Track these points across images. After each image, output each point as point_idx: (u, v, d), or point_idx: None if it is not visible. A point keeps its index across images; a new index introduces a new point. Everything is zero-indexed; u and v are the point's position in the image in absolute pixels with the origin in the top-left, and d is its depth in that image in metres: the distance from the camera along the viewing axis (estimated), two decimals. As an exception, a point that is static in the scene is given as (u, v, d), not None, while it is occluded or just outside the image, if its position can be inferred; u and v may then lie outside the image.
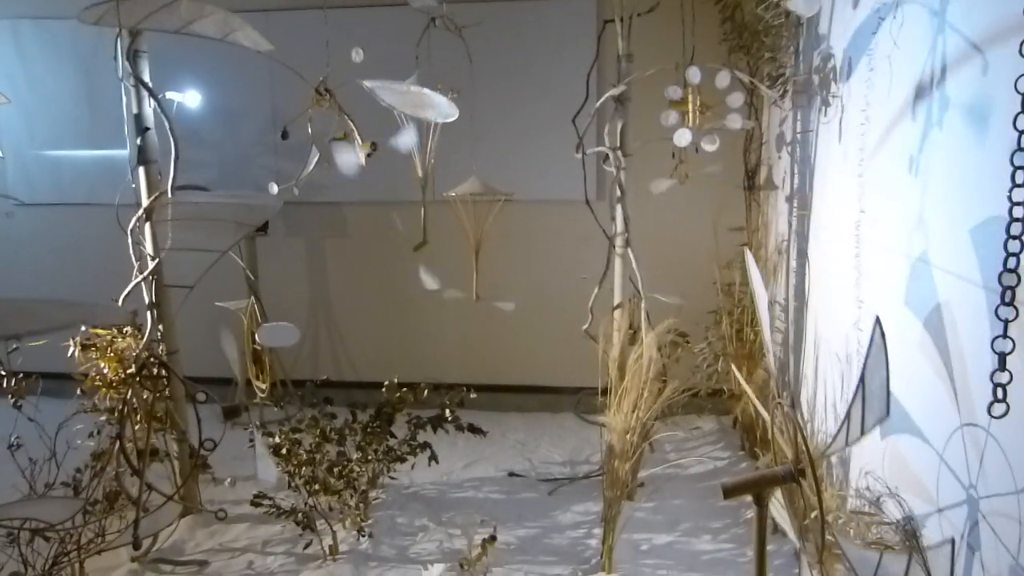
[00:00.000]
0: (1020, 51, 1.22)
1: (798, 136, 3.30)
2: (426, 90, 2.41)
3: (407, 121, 2.86)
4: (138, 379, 2.71)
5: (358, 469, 3.15)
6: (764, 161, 4.00)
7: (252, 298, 4.30)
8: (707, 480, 3.75)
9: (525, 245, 4.67)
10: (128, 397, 2.60)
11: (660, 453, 4.02)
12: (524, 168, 4.55)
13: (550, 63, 4.47)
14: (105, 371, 3.00)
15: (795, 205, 3.37)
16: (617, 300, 3.64)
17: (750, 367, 3.88)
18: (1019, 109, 1.22)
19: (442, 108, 2.37)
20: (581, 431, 4.39)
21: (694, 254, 4.23)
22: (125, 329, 3.12)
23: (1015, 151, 1.23)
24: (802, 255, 3.25)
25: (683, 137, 3.00)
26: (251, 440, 3.23)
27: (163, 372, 2.91)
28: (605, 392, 3.44)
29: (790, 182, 3.43)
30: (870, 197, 2.42)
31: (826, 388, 2.94)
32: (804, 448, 1.94)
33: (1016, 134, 1.24)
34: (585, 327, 3.68)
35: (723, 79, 2.96)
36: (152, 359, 2.83)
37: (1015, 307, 1.28)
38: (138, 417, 2.92)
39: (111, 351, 3.02)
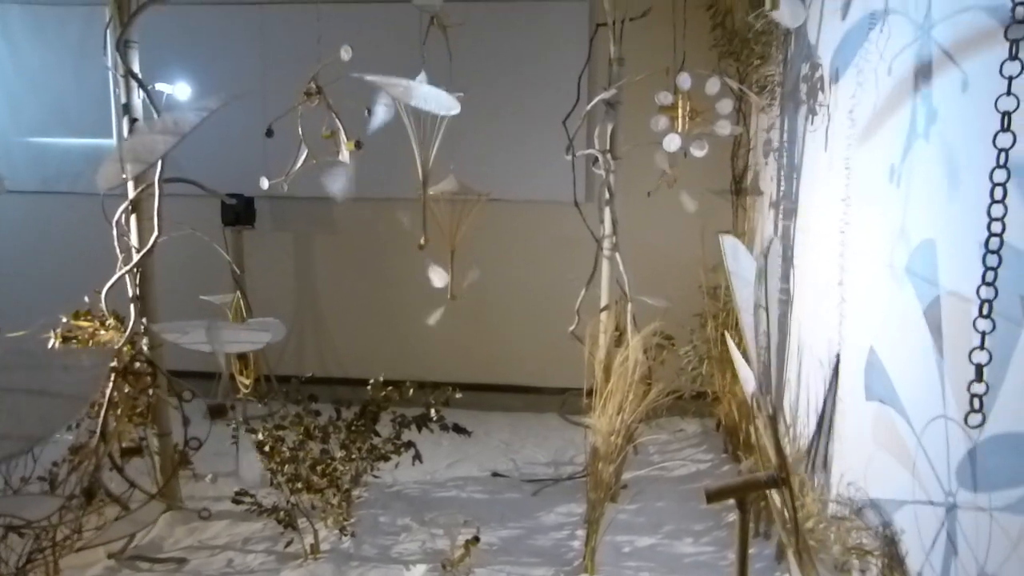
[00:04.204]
0: (1005, 35, 1.23)
1: (785, 143, 3.32)
2: (426, 85, 2.41)
3: (409, 120, 2.86)
4: (124, 375, 2.69)
5: (341, 468, 3.14)
6: (751, 166, 4.03)
7: (237, 292, 4.28)
8: (690, 483, 3.77)
9: (513, 245, 4.68)
10: (111, 392, 2.59)
11: (644, 455, 4.04)
12: (513, 168, 4.56)
13: (542, 65, 4.47)
14: (88, 364, 2.98)
15: (781, 211, 3.40)
16: (604, 302, 3.65)
17: (734, 370, 3.90)
18: (999, 127, 1.24)
19: (442, 101, 2.38)
20: (565, 432, 4.40)
21: (680, 257, 4.25)
22: (107, 322, 3.11)
23: (994, 168, 1.25)
24: (787, 261, 3.28)
25: (672, 142, 3.01)
26: (234, 437, 3.22)
27: (148, 368, 2.89)
28: (590, 393, 3.45)
29: (776, 188, 3.46)
30: (854, 205, 2.44)
31: (808, 392, 2.96)
32: (784, 455, 1.96)
33: (996, 151, 1.25)
34: (572, 328, 3.70)
35: (713, 86, 2.98)
36: (139, 356, 2.82)
37: (992, 320, 1.30)
38: (118, 412, 2.90)
39: (93, 344, 3.00)
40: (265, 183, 3.08)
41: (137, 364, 2.86)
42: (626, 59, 3.47)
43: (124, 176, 2.69)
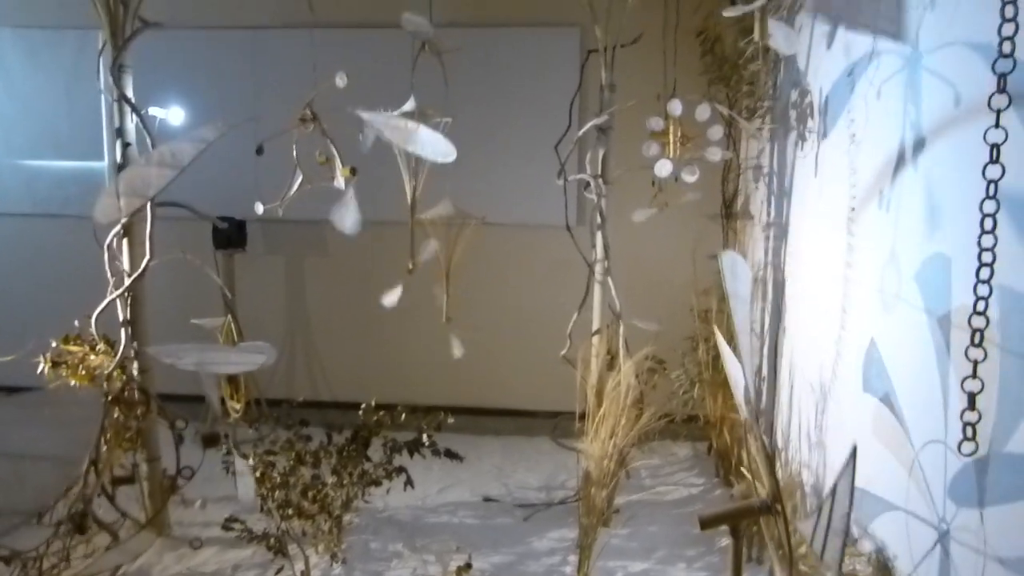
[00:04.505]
0: (993, 69, 1.26)
1: (775, 168, 3.36)
2: (423, 127, 2.40)
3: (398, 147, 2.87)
4: (116, 403, 2.67)
5: (332, 494, 3.12)
6: (741, 190, 4.06)
7: (228, 316, 4.26)
8: (683, 507, 3.76)
9: (505, 268, 4.68)
10: (103, 420, 2.57)
11: (636, 479, 4.03)
12: (506, 193, 4.58)
13: (534, 90, 4.51)
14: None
15: (771, 235, 3.42)
16: (596, 326, 3.66)
17: (726, 393, 3.91)
18: (987, 160, 1.26)
19: (439, 147, 2.37)
20: (557, 455, 4.38)
21: (672, 281, 4.27)
22: (98, 346, 3.08)
23: (984, 199, 1.27)
24: (778, 286, 3.30)
25: (664, 168, 3.04)
26: (224, 461, 3.19)
27: (142, 397, 2.87)
28: (582, 417, 3.45)
29: (766, 212, 3.49)
30: (845, 231, 2.46)
31: (800, 416, 2.97)
32: (776, 481, 1.96)
33: (985, 182, 1.27)
34: (563, 352, 3.70)
35: (703, 112, 3.02)
36: (131, 385, 2.79)
37: (984, 349, 1.31)
38: (108, 437, 2.87)
39: (82, 368, 2.98)
40: (260, 208, 3.08)
41: (129, 392, 2.83)
42: (617, 85, 3.51)
43: (121, 211, 2.69)
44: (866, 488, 2.15)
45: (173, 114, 4.59)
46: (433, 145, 2.32)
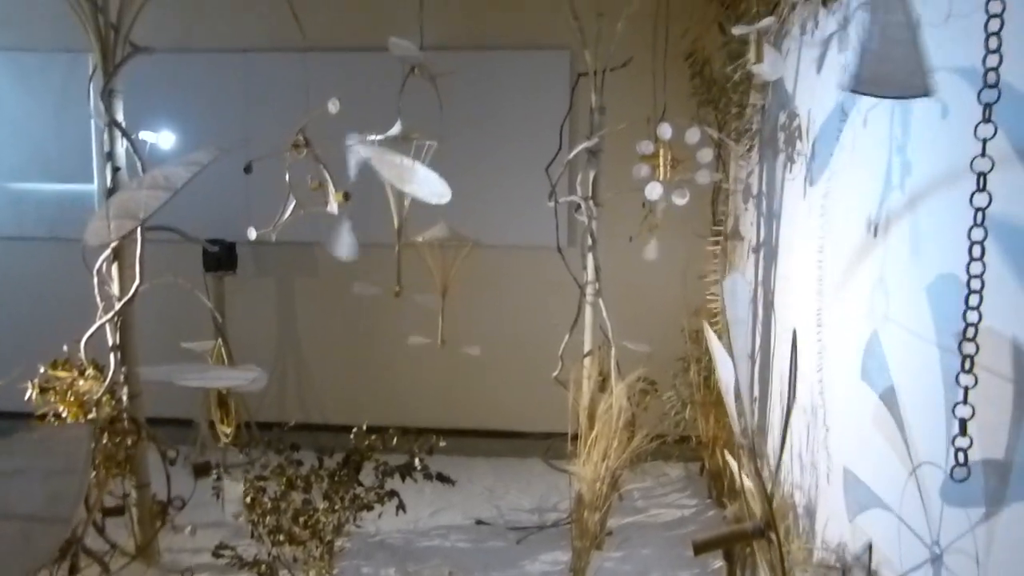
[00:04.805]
0: (978, 98, 1.27)
1: (764, 190, 3.39)
2: (420, 165, 2.41)
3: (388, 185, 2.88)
4: (106, 431, 2.65)
5: (324, 519, 3.09)
6: (731, 211, 4.09)
7: (218, 339, 4.24)
8: (676, 529, 3.75)
9: (497, 290, 4.69)
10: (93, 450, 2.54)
11: (628, 501, 4.02)
12: (497, 214, 4.59)
13: (525, 113, 4.54)
14: (64, 415, 2.92)
15: (761, 256, 3.44)
16: (587, 348, 3.66)
17: (718, 414, 3.91)
18: (975, 187, 1.28)
19: (435, 186, 2.37)
20: (550, 477, 4.37)
21: (663, 301, 4.29)
22: (87, 371, 3.06)
23: (972, 227, 1.29)
24: (768, 306, 3.31)
25: (654, 191, 3.06)
26: (215, 487, 3.16)
27: (133, 427, 2.84)
28: (575, 439, 3.44)
29: (756, 234, 3.51)
30: (833, 253, 2.48)
31: (791, 438, 2.97)
32: (770, 504, 1.96)
33: (973, 210, 1.29)
34: (555, 374, 3.69)
35: (693, 135, 3.04)
36: (122, 415, 2.77)
37: (974, 375, 1.32)
38: (97, 462, 2.84)
39: (71, 394, 2.95)
40: (252, 233, 3.08)
41: (119, 422, 2.80)
42: (607, 107, 3.54)
43: (112, 234, 2.68)
44: (859, 509, 2.15)
45: (163, 138, 4.59)
46: (429, 185, 2.31)
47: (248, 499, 3.02)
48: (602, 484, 3.12)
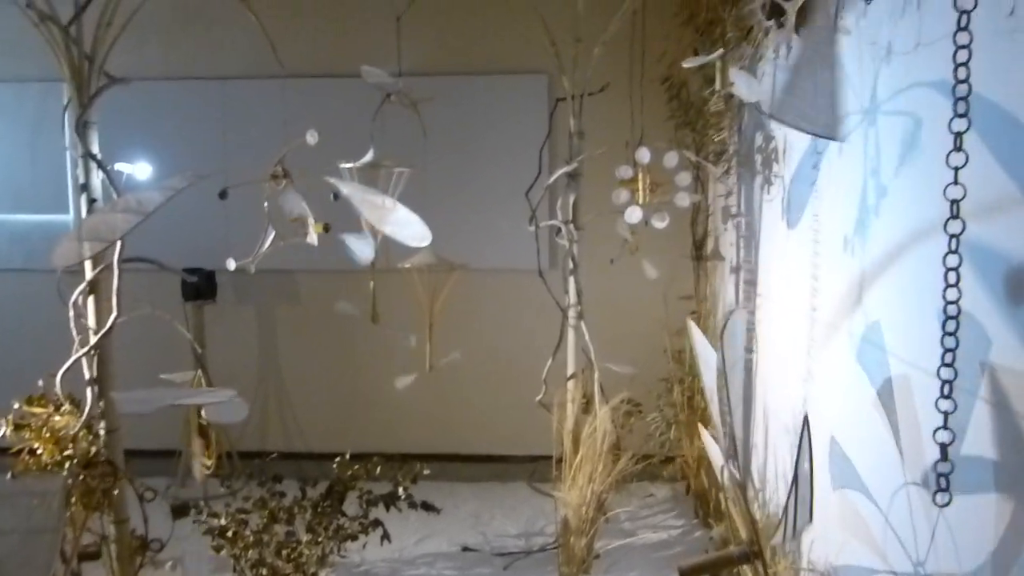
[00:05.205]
0: (949, 127, 1.29)
1: (742, 211, 3.41)
2: (402, 207, 2.39)
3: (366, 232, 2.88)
4: (83, 477, 2.60)
5: (307, 552, 3.05)
6: (711, 231, 4.12)
7: (198, 370, 4.19)
8: (662, 550, 3.73)
9: (479, 313, 4.68)
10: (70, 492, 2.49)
11: (615, 522, 3.99)
12: (478, 238, 4.59)
13: (504, 137, 4.56)
14: (40, 452, 2.86)
15: (741, 277, 3.47)
16: (570, 371, 3.65)
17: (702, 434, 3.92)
18: (949, 214, 1.29)
19: (415, 228, 2.35)
20: (535, 500, 4.34)
21: (645, 322, 4.29)
22: (63, 407, 3.00)
23: (947, 253, 1.30)
24: (750, 328, 3.33)
25: (634, 215, 3.08)
26: (196, 521, 3.11)
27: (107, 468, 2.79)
28: (559, 462, 3.42)
29: (736, 254, 3.53)
30: (813, 274, 2.50)
31: (776, 458, 2.98)
32: (756, 529, 1.96)
33: (947, 237, 1.30)
34: (539, 398, 3.68)
35: (671, 159, 3.07)
36: (98, 457, 2.72)
37: (954, 400, 1.33)
38: (72, 501, 2.78)
39: (46, 431, 2.89)
40: (232, 264, 3.05)
41: (96, 466, 2.75)
42: (586, 132, 3.56)
43: (83, 254, 2.64)
44: (843, 529, 2.15)
45: (140, 169, 4.55)
46: (409, 227, 2.30)
47: (230, 532, 2.97)
48: (588, 508, 3.10)
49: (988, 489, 1.43)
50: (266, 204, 2.82)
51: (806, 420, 1.54)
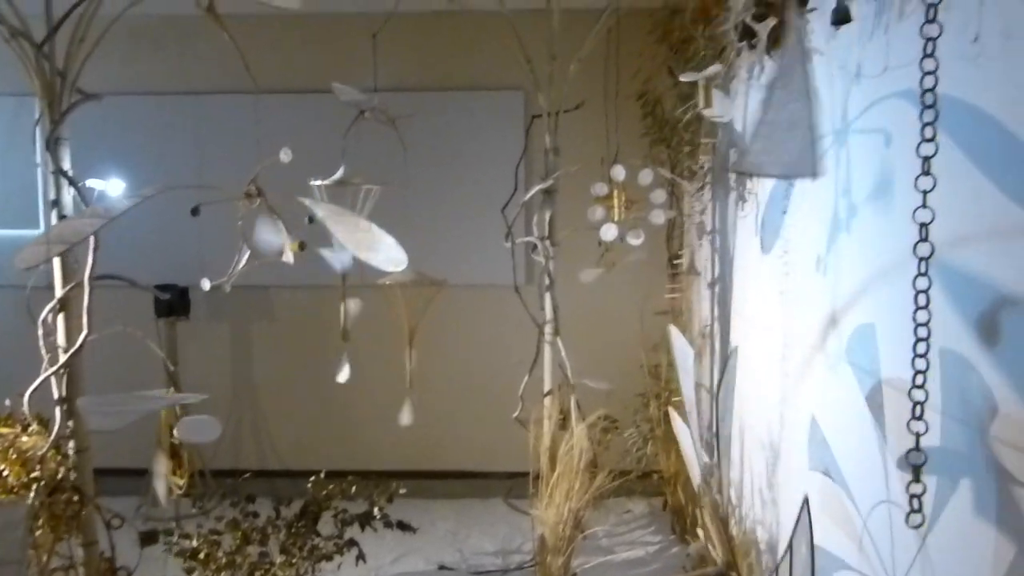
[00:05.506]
0: (917, 151, 1.31)
1: (716, 227, 3.44)
2: (376, 228, 2.37)
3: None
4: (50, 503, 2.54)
5: (281, 574, 3.00)
6: (686, 247, 4.15)
7: (171, 387, 4.13)
8: (640, 567, 3.73)
9: (455, 329, 4.66)
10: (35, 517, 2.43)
11: (592, 539, 3.99)
12: (454, 253, 4.58)
13: (480, 153, 4.57)
14: (6, 475, 2.80)
15: (716, 292, 3.49)
16: (547, 387, 3.65)
17: (679, 449, 3.93)
18: (918, 237, 1.31)
19: (391, 253, 2.33)
20: (512, 517, 4.33)
21: (621, 338, 4.31)
22: (30, 427, 2.94)
23: (916, 275, 1.32)
24: (725, 341, 3.35)
25: (609, 232, 3.09)
26: (166, 543, 3.05)
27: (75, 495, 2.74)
28: (536, 479, 3.41)
29: (711, 270, 3.56)
30: (786, 289, 2.53)
31: (752, 473, 2.99)
32: (732, 547, 1.96)
33: (917, 259, 1.32)
34: (516, 414, 3.67)
35: (646, 177, 3.09)
36: (66, 481, 2.67)
37: (925, 421, 1.34)
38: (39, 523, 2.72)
39: (13, 452, 2.83)
40: (206, 284, 3.01)
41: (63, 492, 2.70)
42: (561, 148, 3.57)
43: (50, 254, 2.61)
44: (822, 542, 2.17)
45: (112, 185, 4.49)
46: (385, 251, 2.28)
47: (202, 555, 2.92)
48: (565, 526, 3.09)
49: (965, 512, 1.44)
50: (240, 223, 2.79)
51: (806, 502, 1.51)
